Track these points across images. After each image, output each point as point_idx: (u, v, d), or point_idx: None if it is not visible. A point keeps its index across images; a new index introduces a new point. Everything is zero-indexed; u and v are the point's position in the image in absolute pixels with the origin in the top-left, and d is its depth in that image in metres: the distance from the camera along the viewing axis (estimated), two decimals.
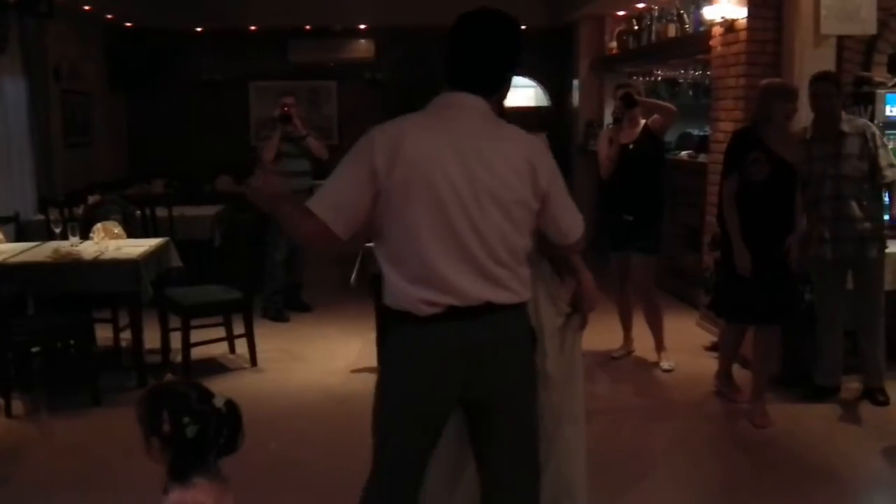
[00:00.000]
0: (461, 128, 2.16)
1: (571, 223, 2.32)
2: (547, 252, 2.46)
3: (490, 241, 2.12)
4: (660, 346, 5.43)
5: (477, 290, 2.12)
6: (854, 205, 4.47)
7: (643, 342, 5.54)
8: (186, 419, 1.77)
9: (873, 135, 4.50)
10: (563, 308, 2.56)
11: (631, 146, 5.28)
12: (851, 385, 4.78)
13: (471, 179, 2.10)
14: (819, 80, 4.55)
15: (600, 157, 5.39)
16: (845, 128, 4.48)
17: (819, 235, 4.53)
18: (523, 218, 2.18)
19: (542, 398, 2.42)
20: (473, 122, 2.18)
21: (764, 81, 4.56)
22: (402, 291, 2.12)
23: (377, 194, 2.10)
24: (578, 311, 2.55)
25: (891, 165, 4.48)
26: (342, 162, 2.16)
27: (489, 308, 2.14)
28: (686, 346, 5.69)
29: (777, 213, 4.31)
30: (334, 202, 2.10)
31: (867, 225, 4.49)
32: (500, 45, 2.23)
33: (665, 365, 5.33)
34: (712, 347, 5.48)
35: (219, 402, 1.82)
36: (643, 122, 5.35)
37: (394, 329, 2.22)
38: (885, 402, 4.61)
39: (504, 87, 2.28)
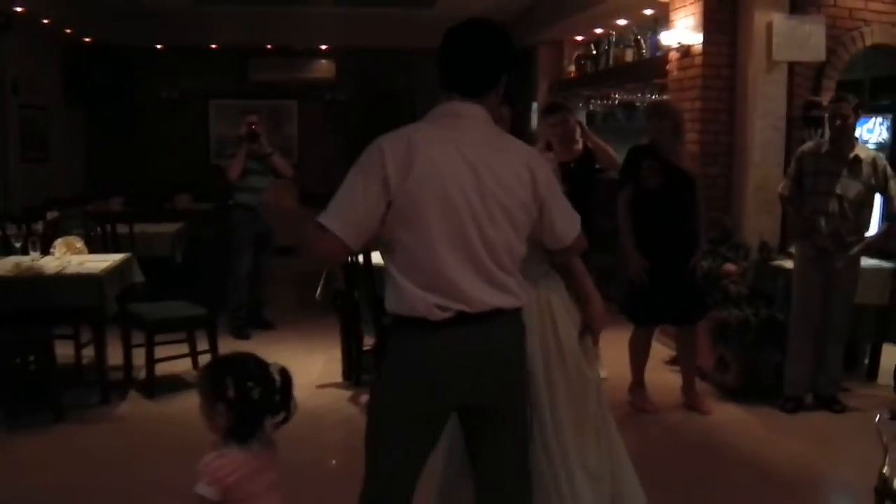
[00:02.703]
0: (467, 138, 2.20)
1: (568, 226, 2.38)
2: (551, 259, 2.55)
3: (497, 249, 2.18)
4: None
5: (486, 297, 2.18)
6: (851, 225, 4.69)
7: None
8: (250, 384, 1.94)
9: (884, 167, 4.75)
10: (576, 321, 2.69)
11: (572, 165, 5.16)
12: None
13: (481, 189, 2.15)
14: (837, 101, 4.78)
15: None
16: (861, 154, 4.71)
17: (817, 245, 4.70)
18: (524, 224, 2.25)
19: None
20: (477, 131, 2.23)
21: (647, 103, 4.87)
22: (415, 297, 2.14)
23: (389, 204, 2.12)
24: (589, 333, 2.73)
25: None
26: (350, 173, 2.15)
27: (496, 313, 2.20)
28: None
29: (675, 218, 4.67)
30: (349, 217, 2.11)
31: (856, 242, 4.71)
32: (490, 45, 2.28)
33: (603, 374, 5.47)
34: (671, 361, 5.61)
35: (273, 370, 1.98)
36: (581, 141, 5.36)
37: (401, 335, 2.23)
38: (842, 411, 4.78)
39: (499, 88, 2.31)
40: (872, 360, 5.45)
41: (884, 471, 2.19)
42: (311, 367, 5.74)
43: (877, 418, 2.45)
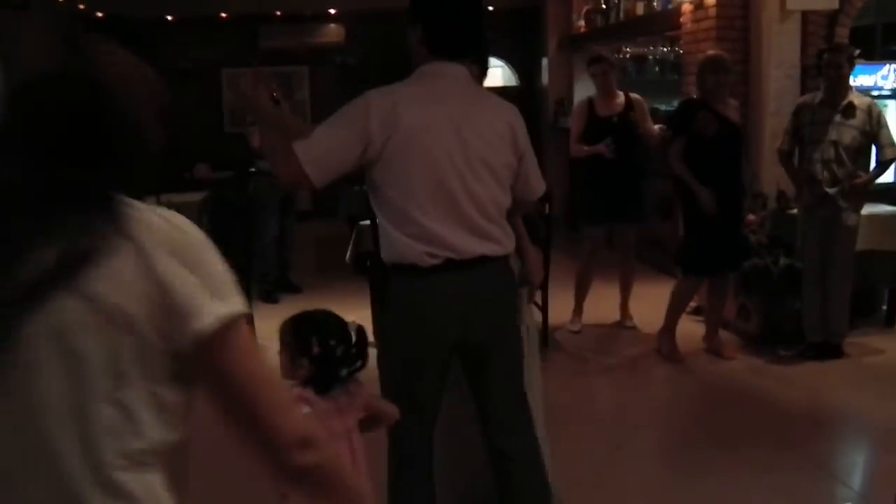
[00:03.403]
0: (450, 97, 2.35)
1: (539, 180, 2.58)
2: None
3: (482, 202, 2.35)
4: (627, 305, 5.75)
5: (472, 246, 2.35)
6: (848, 171, 4.76)
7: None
8: (333, 342, 2.06)
9: (879, 114, 4.82)
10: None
11: (615, 119, 5.47)
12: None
13: (464, 147, 2.31)
14: (830, 51, 4.87)
15: (573, 134, 5.62)
16: (854, 101, 4.78)
17: (815, 193, 4.79)
18: (507, 178, 2.43)
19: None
20: (460, 90, 2.39)
21: (700, 56, 4.91)
22: (406, 246, 2.31)
23: (364, 153, 2.27)
24: (528, 283, 2.85)
25: (891, 144, 4.78)
26: (336, 117, 2.31)
27: (483, 260, 2.37)
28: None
29: (727, 168, 4.77)
30: (319, 156, 2.25)
31: (849, 184, 4.77)
32: (474, 9, 2.45)
33: (629, 322, 5.69)
34: (693, 311, 5.75)
35: (351, 329, 2.11)
36: (622, 94, 5.55)
37: (395, 283, 2.40)
38: (840, 356, 4.89)
39: (482, 49, 2.51)
40: (890, 306, 5.57)
41: None
42: None
43: None
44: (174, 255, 1.10)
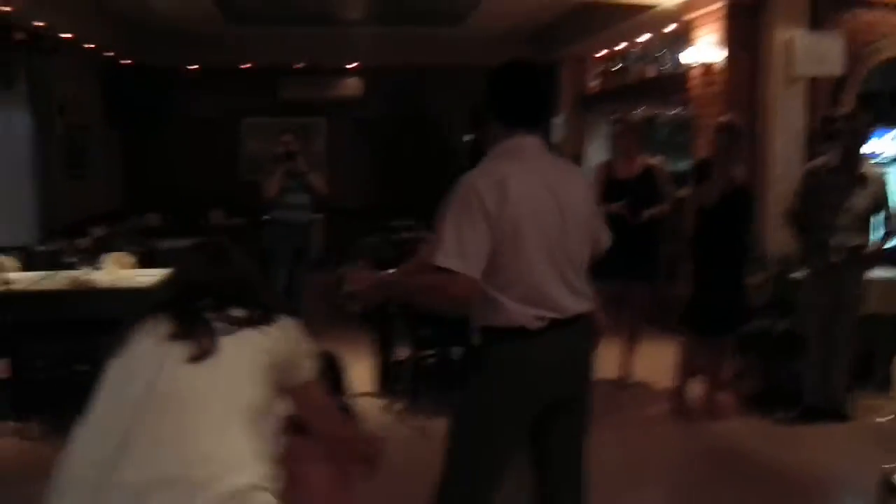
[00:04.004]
0: (541, 167, 2.53)
1: (606, 234, 2.75)
2: None
3: (576, 261, 2.53)
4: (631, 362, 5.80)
5: (572, 304, 2.50)
6: (859, 237, 4.84)
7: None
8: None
9: (884, 184, 4.93)
10: None
11: (633, 181, 5.53)
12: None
13: (563, 211, 2.48)
14: (849, 118, 5.00)
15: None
16: (867, 172, 4.88)
17: (829, 259, 4.83)
18: (590, 236, 2.62)
19: None
20: (546, 160, 2.57)
21: (719, 119, 5.04)
22: (515, 310, 2.41)
23: (489, 230, 2.36)
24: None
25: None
26: (451, 216, 2.36)
27: (578, 317, 2.52)
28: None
29: (732, 230, 4.82)
30: (470, 255, 2.31)
31: (861, 254, 4.86)
32: (548, 88, 2.68)
33: (630, 380, 5.76)
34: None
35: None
36: (642, 157, 5.66)
37: (500, 345, 2.47)
38: (843, 420, 4.91)
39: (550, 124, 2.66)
40: (889, 371, 5.55)
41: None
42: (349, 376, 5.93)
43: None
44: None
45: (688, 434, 4.86)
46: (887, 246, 5.01)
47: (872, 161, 5.20)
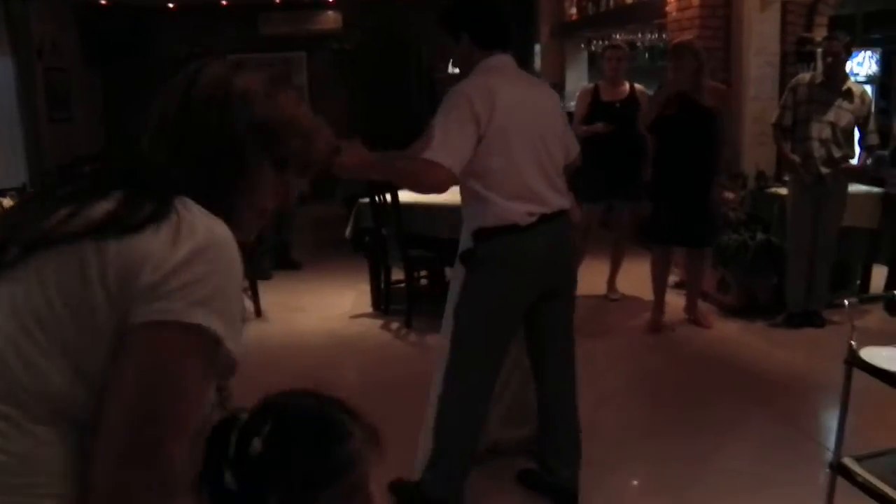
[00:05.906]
0: (517, 81, 2.82)
1: (574, 143, 3.10)
2: None
3: (555, 162, 2.86)
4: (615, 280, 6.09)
5: (556, 200, 2.84)
6: (840, 150, 5.07)
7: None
8: None
9: (870, 102, 5.15)
10: None
11: (618, 104, 5.77)
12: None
13: (540, 120, 2.81)
14: (829, 40, 5.17)
15: (576, 116, 5.88)
16: (852, 87, 5.08)
17: (811, 171, 5.07)
18: (563, 142, 2.95)
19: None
20: (519, 76, 2.90)
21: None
22: (507, 208, 2.73)
23: (480, 137, 2.66)
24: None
25: (875, 131, 5.12)
26: (443, 115, 2.65)
27: (561, 212, 2.86)
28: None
29: (692, 148, 5.02)
30: (454, 151, 2.61)
31: (842, 167, 5.09)
32: (504, 5, 2.92)
33: (614, 296, 6.05)
34: (677, 285, 6.05)
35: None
36: (628, 84, 5.86)
37: (493, 243, 2.75)
38: (822, 325, 5.23)
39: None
40: (863, 280, 5.88)
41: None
42: (343, 300, 6.18)
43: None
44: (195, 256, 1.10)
45: (672, 342, 5.15)
46: (867, 161, 5.25)
47: (854, 77, 5.39)
